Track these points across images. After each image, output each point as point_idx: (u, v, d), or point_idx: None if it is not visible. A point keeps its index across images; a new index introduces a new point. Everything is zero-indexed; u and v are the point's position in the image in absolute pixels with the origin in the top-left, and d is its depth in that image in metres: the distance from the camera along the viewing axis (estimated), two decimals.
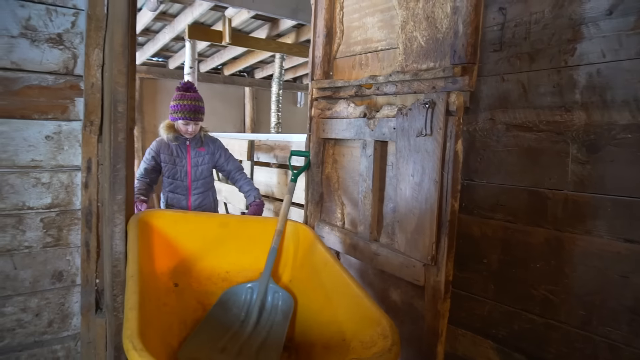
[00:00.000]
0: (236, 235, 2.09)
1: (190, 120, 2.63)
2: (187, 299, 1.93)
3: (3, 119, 1.71)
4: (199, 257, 2.03)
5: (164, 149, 2.64)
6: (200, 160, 2.69)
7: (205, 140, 2.76)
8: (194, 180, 2.67)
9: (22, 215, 1.78)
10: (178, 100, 2.69)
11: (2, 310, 1.78)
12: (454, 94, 1.52)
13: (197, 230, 2.05)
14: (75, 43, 1.81)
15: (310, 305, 1.88)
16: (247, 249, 2.08)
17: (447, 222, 1.56)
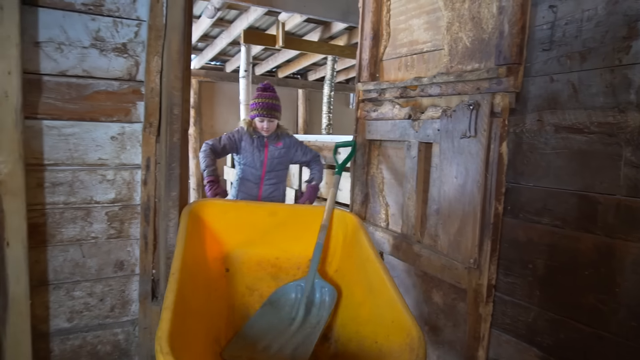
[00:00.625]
0: (285, 223, 2.12)
1: (264, 116, 2.71)
2: (237, 284, 2.02)
3: (75, 122, 1.89)
4: (250, 244, 2.09)
5: (246, 138, 2.74)
6: (276, 153, 2.78)
7: (282, 136, 2.85)
8: (268, 171, 2.75)
9: (90, 209, 1.96)
10: (255, 98, 2.80)
11: (72, 294, 1.97)
12: (499, 95, 1.50)
13: (247, 218, 2.11)
14: (138, 51, 1.97)
15: (351, 299, 1.88)
16: (296, 236, 2.11)
17: (491, 224, 1.53)
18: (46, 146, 1.85)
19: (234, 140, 2.78)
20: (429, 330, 1.90)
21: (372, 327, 1.65)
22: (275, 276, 2.07)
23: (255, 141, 2.76)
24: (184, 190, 1.98)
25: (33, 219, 1.84)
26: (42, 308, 1.91)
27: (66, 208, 1.91)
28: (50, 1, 1.78)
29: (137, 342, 2.10)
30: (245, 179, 2.89)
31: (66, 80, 1.86)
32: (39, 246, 1.87)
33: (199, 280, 1.71)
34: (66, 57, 1.84)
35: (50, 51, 1.81)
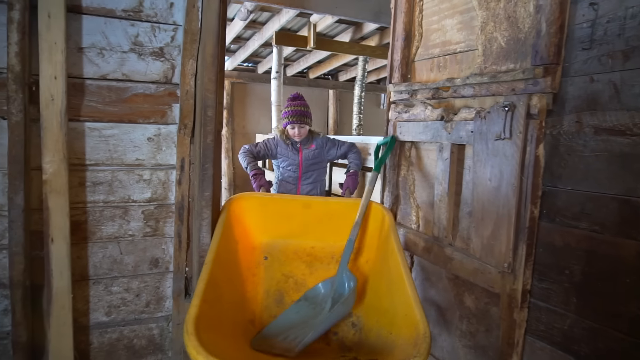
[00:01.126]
0: (320, 215, 2.27)
1: (295, 123, 2.87)
2: (274, 271, 2.15)
3: (115, 123, 1.97)
4: (287, 234, 2.24)
5: (281, 144, 2.94)
6: (311, 155, 2.93)
7: (314, 138, 3.01)
8: (304, 172, 2.93)
9: (128, 207, 2.03)
10: (286, 107, 2.99)
11: (110, 289, 2.05)
12: (535, 97, 1.46)
13: (284, 210, 2.26)
14: (174, 55, 2.03)
15: (376, 289, 1.98)
16: (330, 227, 2.25)
17: (526, 228, 1.50)
18: (88, 147, 1.93)
19: (270, 147, 2.95)
20: (460, 335, 1.87)
21: (390, 318, 1.74)
22: (310, 264, 2.21)
23: (289, 146, 2.92)
24: (217, 190, 2.02)
25: (75, 217, 1.92)
26: (82, 302, 2.00)
27: (105, 206, 1.99)
28: (93, 8, 1.86)
29: (171, 338, 2.16)
30: (284, 180, 3.06)
31: (107, 84, 1.93)
32: (80, 243, 1.96)
33: (237, 267, 1.84)
34: (107, 61, 1.92)
35: (93, 56, 1.89)
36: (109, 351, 2.07)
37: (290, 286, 2.14)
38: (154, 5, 1.95)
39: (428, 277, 2.07)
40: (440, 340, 2.00)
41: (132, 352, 2.11)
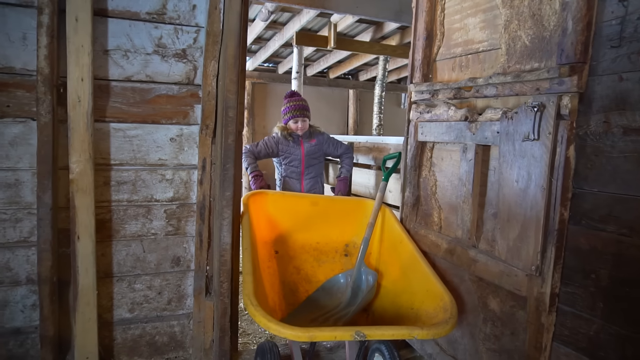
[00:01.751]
0: (325, 212, 2.46)
1: (298, 117, 2.97)
2: (285, 264, 2.29)
3: (138, 124, 2.01)
4: (295, 230, 2.39)
5: (282, 141, 3.01)
6: (312, 150, 3.02)
7: (315, 133, 3.10)
8: (306, 167, 3.00)
9: (150, 206, 2.07)
10: (286, 104, 3.09)
11: (133, 287, 2.09)
12: (567, 97, 1.42)
13: (292, 207, 2.42)
14: (196, 56, 2.05)
15: (387, 277, 2.19)
16: (334, 223, 2.45)
17: (555, 231, 1.46)
18: (112, 147, 1.98)
19: (270, 146, 3.03)
20: (484, 338, 1.84)
21: (408, 296, 1.95)
22: (317, 258, 2.36)
23: (291, 142, 2.99)
24: (238, 190, 2.04)
25: (100, 215, 1.97)
26: (106, 298, 2.04)
27: (129, 205, 2.03)
28: (118, 11, 1.90)
29: (192, 335, 2.19)
30: (288, 177, 3.13)
31: (131, 85, 1.97)
32: (105, 241, 2.00)
33: (257, 259, 1.96)
34: (131, 63, 1.96)
35: (118, 58, 1.94)
36: (131, 347, 2.11)
37: (302, 278, 2.28)
38: (177, 8, 1.98)
39: (450, 279, 2.04)
40: (463, 343, 1.97)
41: (154, 348, 2.15)
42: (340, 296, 2.15)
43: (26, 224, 1.86)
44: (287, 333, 1.46)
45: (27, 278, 1.89)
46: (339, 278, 2.21)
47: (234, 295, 2.11)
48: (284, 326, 1.46)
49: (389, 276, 2.18)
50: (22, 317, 1.91)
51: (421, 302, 1.86)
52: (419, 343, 2.27)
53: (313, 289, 2.20)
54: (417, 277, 1.95)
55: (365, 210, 2.44)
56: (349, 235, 2.44)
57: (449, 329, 1.60)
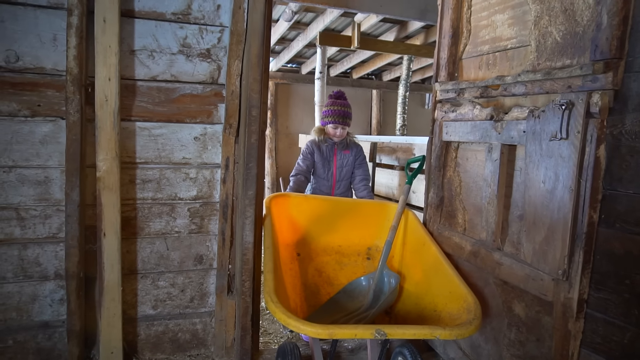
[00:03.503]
0: (347, 215, 2.42)
1: (338, 124, 2.81)
2: (307, 266, 2.26)
3: (163, 123, 2.03)
4: (317, 233, 2.37)
5: (317, 149, 2.85)
6: (345, 162, 2.86)
7: (350, 144, 2.93)
8: (338, 180, 2.86)
9: (174, 205, 2.09)
10: (329, 106, 2.90)
11: (157, 284, 2.11)
12: (597, 94, 1.37)
13: (315, 210, 2.39)
14: (220, 56, 2.07)
15: (409, 279, 2.16)
16: (357, 226, 2.41)
17: (584, 234, 1.41)
18: (138, 146, 2.01)
19: (308, 157, 2.86)
20: (508, 344, 1.79)
21: (431, 298, 1.93)
22: (339, 261, 2.33)
23: (324, 151, 2.84)
24: (260, 189, 2.04)
25: (125, 213, 2.00)
26: (131, 295, 2.08)
27: (154, 203, 2.06)
28: (145, 12, 1.93)
29: (214, 333, 2.21)
30: (318, 189, 2.98)
31: (156, 85, 2.00)
32: (130, 238, 2.04)
33: (278, 261, 1.95)
34: (157, 63, 1.99)
35: (144, 58, 1.96)
36: (155, 343, 2.14)
37: (324, 280, 2.25)
38: (201, 8, 2.00)
39: (474, 282, 1.99)
40: (487, 348, 1.92)
41: (176, 345, 2.17)
42: (362, 299, 2.13)
43: (55, 220, 1.91)
44: (307, 330, 1.45)
45: (55, 273, 1.94)
46: (361, 281, 2.18)
47: (256, 294, 2.12)
48: (303, 323, 1.46)
49: (411, 279, 2.15)
50: (51, 312, 1.96)
51: (444, 304, 1.83)
52: (441, 347, 2.22)
53: (335, 292, 2.18)
54: (440, 279, 1.92)
55: (388, 214, 2.41)
56: (372, 239, 2.40)
57: (473, 330, 1.56)
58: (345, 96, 2.97)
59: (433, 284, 1.97)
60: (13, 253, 1.88)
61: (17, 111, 1.81)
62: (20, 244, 1.89)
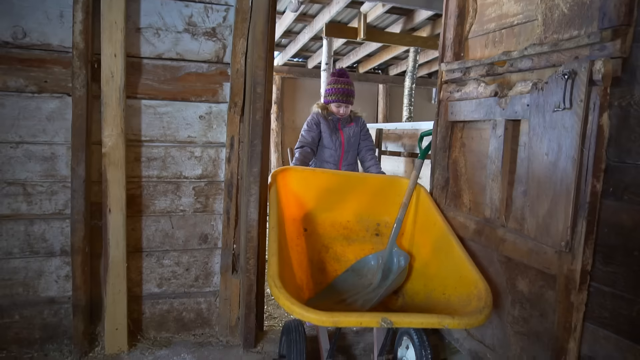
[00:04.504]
0: (356, 190, 2.36)
1: (342, 102, 2.78)
2: (314, 242, 2.24)
3: (169, 101, 2.04)
4: (324, 208, 2.33)
5: (323, 120, 2.81)
6: (351, 133, 2.84)
7: (354, 117, 2.90)
8: (346, 150, 2.81)
9: (179, 183, 2.10)
10: (332, 84, 2.85)
11: (162, 262, 2.12)
12: (599, 61, 1.35)
13: (323, 185, 2.33)
14: (225, 35, 2.07)
15: (418, 259, 2.12)
16: (366, 202, 2.36)
17: (586, 204, 1.39)
18: (143, 124, 2.02)
19: (313, 128, 2.82)
20: (512, 321, 1.78)
21: (440, 280, 1.88)
22: (346, 237, 2.30)
23: (330, 123, 2.81)
24: (265, 167, 2.05)
25: (131, 190, 2.01)
26: (136, 273, 2.09)
27: (159, 182, 2.07)
28: None
29: (218, 313, 2.21)
30: (325, 160, 2.93)
31: (162, 63, 2.01)
32: (135, 215, 2.05)
33: (285, 237, 1.94)
34: (162, 41, 1.99)
35: (150, 36, 1.97)
36: (159, 322, 2.15)
37: (331, 256, 2.24)
38: None
39: (478, 262, 1.98)
40: (491, 327, 1.91)
41: (181, 324, 2.18)
42: (371, 277, 2.12)
43: (61, 196, 1.92)
44: (311, 317, 1.40)
45: (61, 250, 1.95)
46: (370, 259, 2.16)
47: (260, 272, 2.12)
48: (307, 310, 1.40)
49: (421, 259, 2.11)
50: (56, 288, 1.98)
51: (454, 288, 1.78)
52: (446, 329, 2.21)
53: (342, 269, 2.16)
54: (451, 262, 1.87)
55: (398, 189, 2.35)
56: (381, 215, 2.35)
57: (483, 319, 1.49)
58: (347, 74, 2.93)
59: (443, 266, 1.92)
60: (20, 228, 1.90)
61: (25, 87, 1.83)
62: (27, 220, 1.90)
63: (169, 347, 2.06)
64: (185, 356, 2.00)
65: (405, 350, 1.99)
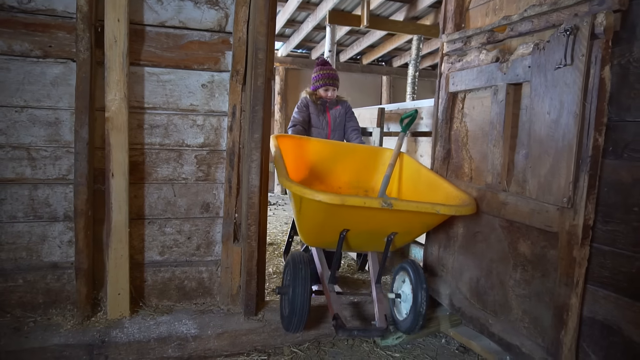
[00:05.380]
0: (346, 158, 2.61)
1: (330, 85, 2.99)
2: None
3: (171, 69, 2.05)
4: (317, 174, 2.52)
5: (311, 103, 3.03)
6: (337, 114, 3.07)
7: (340, 101, 3.14)
8: (332, 130, 3.04)
9: (182, 151, 2.11)
10: (318, 71, 3.09)
11: (164, 230, 2.14)
12: (601, 14, 1.35)
13: (317, 152, 2.56)
14: (228, 4, 2.08)
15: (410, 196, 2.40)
16: (355, 169, 2.61)
17: (588, 158, 1.39)
18: (146, 91, 2.03)
19: (303, 110, 3.03)
20: (514, 284, 1.78)
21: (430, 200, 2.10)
22: None
23: (318, 106, 3.04)
24: (267, 134, 2.05)
25: (133, 157, 2.02)
26: (138, 240, 2.10)
27: (161, 149, 2.08)
28: None
29: (219, 282, 2.23)
30: None
31: (165, 31, 2.02)
32: (138, 183, 2.06)
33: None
34: (165, 9, 2.00)
35: (153, 3, 1.98)
36: (161, 290, 2.16)
37: None
38: None
39: (480, 230, 1.98)
40: (492, 294, 1.91)
41: (182, 292, 2.19)
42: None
43: (65, 162, 1.94)
44: (322, 197, 1.61)
45: (64, 215, 1.97)
46: None
47: (262, 239, 2.13)
48: (318, 191, 1.65)
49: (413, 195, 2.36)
50: (60, 253, 1.99)
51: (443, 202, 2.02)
52: (447, 298, 2.22)
53: None
54: (439, 190, 2.13)
55: (383, 158, 2.63)
56: (368, 182, 2.58)
57: (470, 209, 1.83)
58: (329, 62, 3.21)
59: (432, 195, 2.16)
60: (24, 193, 1.92)
61: (29, 51, 1.84)
62: (31, 184, 1.92)
63: (171, 314, 2.08)
64: (186, 322, 2.02)
65: (402, 284, 2.18)
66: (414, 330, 2.04)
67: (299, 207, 1.90)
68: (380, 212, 1.74)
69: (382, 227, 1.91)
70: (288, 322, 1.95)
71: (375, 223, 1.87)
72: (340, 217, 1.82)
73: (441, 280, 2.29)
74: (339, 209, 1.74)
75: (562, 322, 1.49)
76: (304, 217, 1.94)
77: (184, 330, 1.96)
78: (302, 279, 1.90)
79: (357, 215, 1.79)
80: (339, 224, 1.88)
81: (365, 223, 1.87)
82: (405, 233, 1.99)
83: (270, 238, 4.27)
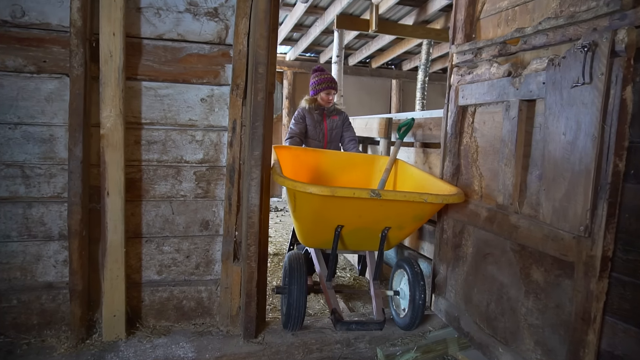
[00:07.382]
0: (343, 166, 2.75)
1: (330, 89, 3.02)
2: None
3: (169, 83, 1.99)
4: (316, 182, 2.61)
5: (308, 115, 3.04)
6: (334, 125, 3.10)
7: (337, 111, 3.17)
8: (329, 141, 3.07)
9: (180, 168, 2.05)
10: (318, 77, 3.11)
11: (162, 248, 2.07)
12: (622, 30, 1.25)
13: (313, 162, 2.69)
14: (228, 15, 2.01)
15: None
16: (352, 177, 2.72)
17: (608, 185, 1.29)
18: (144, 106, 1.97)
19: (300, 121, 3.05)
20: (526, 313, 1.68)
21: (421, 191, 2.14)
22: None
23: (315, 116, 3.05)
24: (267, 150, 1.98)
25: (130, 174, 1.96)
26: (135, 259, 2.04)
27: (159, 165, 2.02)
28: None
29: (219, 302, 2.15)
30: None
31: (163, 44, 1.96)
32: (134, 200, 2.00)
33: None
34: (163, 21, 1.94)
35: (150, 16, 1.92)
36: (159, 310, 2.10)
37: None
38: None
39: (490, 251, 1.88)
40: (503, 321, 1.81)
41: (181, 313, 2.13)
42: None
43: (60, 179, 1.89)
44: (313, 190, 1.72)
45: (59, 234, 1.92)
46: None
47: (262, 259, 2.06)
48: (309, 184, 1.77)
49: None
50: (54, 272, 1.94)
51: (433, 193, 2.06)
52: (456, 321, 2.12)
53: None
54: (429, 187, 2.20)
55: (379, 165, 2.74)
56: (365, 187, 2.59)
57: (457, 199, 1.91)
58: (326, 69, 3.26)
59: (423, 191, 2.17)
60: (18, 211, 1.87)
61: (23, 67, 1.79)
62: (25, 203, 1.87)
63: (168, 336, 2.01)
64: (184, 345, 1.95)
65: (400, 281, 2.28)
66: (413, 326, 2.15)
67: (294, 204, 1.98)
68: (371, 203, 1.83)
69: (374, 220, 1.97)
70: (286, 320, 2.07)
71: (367, 216, 1.93)
72: (332, 210, 1.91)
73: (449, 301, 2.19)
74: (331, 202, 1.82)
75: (578, 359, 1.39)
76: (299, 214, 2.03)
77: (180, 354, 1.89)
78: (298, 279, 2.04)
79: (349, 208, 1.87)
80: (333, 218, 1.95)
81: (357, 217, 1.93)
82: (398, 227, 2.04)
83: (276, 247, 4.20)
